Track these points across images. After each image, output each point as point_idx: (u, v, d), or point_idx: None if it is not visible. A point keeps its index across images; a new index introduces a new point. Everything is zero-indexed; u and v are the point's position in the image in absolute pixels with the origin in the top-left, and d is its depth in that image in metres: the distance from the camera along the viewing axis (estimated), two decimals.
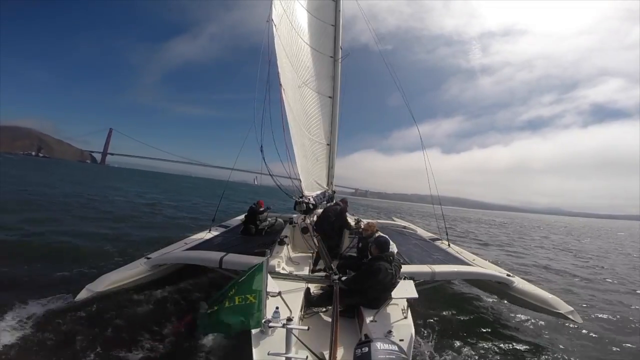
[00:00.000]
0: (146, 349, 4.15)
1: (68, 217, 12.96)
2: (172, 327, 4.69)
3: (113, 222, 13.11)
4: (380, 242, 4.27)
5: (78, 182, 35.05)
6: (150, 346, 4.20)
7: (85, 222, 12.33)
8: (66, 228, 10.80)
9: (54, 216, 12.69)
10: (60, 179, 36.80)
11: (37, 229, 9.96)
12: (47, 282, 5.95)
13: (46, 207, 14.73)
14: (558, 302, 5.37)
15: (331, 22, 10.09)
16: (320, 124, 9.10)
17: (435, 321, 5.61)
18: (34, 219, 11.41)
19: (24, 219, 11.09)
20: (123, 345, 4.15)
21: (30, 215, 12.05)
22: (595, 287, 10.02)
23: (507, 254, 15.60)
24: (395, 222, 12.50)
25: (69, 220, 12.23)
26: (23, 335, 4.11)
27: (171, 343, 4.31)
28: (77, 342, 4.08)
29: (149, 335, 4.41)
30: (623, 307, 8.01)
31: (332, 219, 6.59)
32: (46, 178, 35.19)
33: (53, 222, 11.51)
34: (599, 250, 21.51)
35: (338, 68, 9.94)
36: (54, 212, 13.71)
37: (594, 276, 11.77)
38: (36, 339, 4.08)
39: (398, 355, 2.72)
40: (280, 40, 6.82)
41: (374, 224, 6.11)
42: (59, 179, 36.55)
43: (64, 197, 19.35)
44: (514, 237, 26.11)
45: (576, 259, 16.46)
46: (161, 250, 6.22)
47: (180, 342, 4.34)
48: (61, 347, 3.97)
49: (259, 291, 2.90)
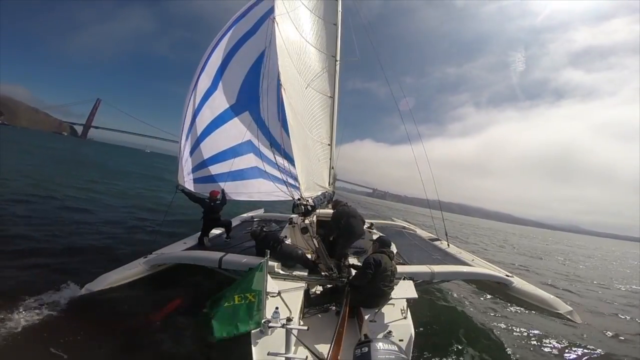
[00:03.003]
0: (145, 348, 4.14)
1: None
2: (160, 310, 4.76)
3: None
4: (382, 240, 4.54)
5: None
6: (149, 346, 4.19)
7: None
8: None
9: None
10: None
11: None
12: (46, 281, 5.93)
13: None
14: (557, 302, 5.38)
15: (333, 21, 10.12)
16: (322, 124, 9.12)
17: (435, 321, 5.62)
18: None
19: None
20: (122, 344, 4.15)
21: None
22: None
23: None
24: (395, 222, 12.50)
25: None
26: (21, 334, 4.09)
27: (171, 343, 4.30)
28: (76, 342, 4.07)
29: (148, 335, 4.40)
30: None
31: (357, 233, 6.04)
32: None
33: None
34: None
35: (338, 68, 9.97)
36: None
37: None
38: (34, 338, 4.06)
39: (398, 355, 2.72)
40: (282, 39, 6.82)
41: (339, 202, 6.40)
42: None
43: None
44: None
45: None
46: (160, 250, 6.21)
47: (180, 342, 4.34)
48: (60, 346, 3.95)
49: (258, 291, 2.90)
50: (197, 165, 7.49)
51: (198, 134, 7.46)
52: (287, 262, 5.13)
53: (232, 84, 7.73)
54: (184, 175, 7.36)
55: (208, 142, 7.55)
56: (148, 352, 4.09)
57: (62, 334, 4.19)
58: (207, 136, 7.54)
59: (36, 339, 4.06)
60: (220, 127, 7.66)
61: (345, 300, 4.05)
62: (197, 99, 7.40)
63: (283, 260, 5.07)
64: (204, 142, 7.52)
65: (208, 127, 7.55)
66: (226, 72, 7.72)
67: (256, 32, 7.74)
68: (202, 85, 7.49)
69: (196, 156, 7.50)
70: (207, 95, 7.52)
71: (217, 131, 7.61)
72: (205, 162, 7.53)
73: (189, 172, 7.43)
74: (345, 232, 5.92)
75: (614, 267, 23.86)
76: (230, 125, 7.71)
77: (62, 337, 4.14)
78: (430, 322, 5.55)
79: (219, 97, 7.61)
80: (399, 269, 4.72)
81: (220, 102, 7.63)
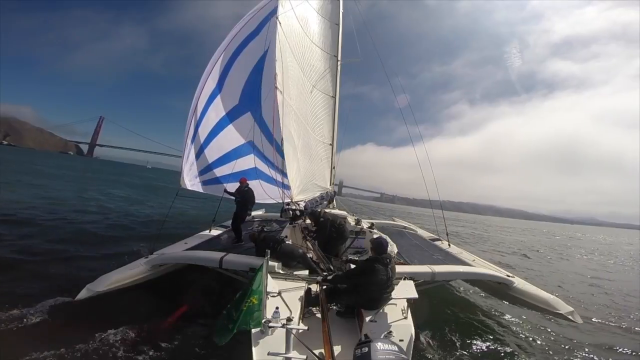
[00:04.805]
0: (146, 348, 4.15)
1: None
2: (168, 319, 4.75)
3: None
4: (378, 242, 4.09)
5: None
6: (150, 346, 4.20)
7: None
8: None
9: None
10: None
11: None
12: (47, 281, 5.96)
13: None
14: (558, 303, 5.36)
15: (335, 21, 10.13)
16: (324, 124, 9.17)
17: (435, 321, 5.60)
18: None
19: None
20: (123, 344, 4.15)
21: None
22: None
23: None
24: (395, 222, 12.49)
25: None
26: (23, 334, 4.12)
27: (171, 343, 4.31)
28: (77, 342, 4.08)
29: (149, 335, 4.41)
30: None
31: (334, 236, 6.38)
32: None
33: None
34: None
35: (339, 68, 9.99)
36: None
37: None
38: (36, 338, 4.09)
39: (398, 356, 2.72)
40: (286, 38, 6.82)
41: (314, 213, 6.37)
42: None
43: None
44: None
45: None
46: (161, 250, 6.22)
47: (180, 342, 4.36)
48: (61, 346, 3.97)
49: (259, 291, 2.91)
50: (204, 169, 7.63)
51: (205, 137, 7.58)
52: (287, 262, 5.12)
53: (235, 85, 7.79)
54: (191, 179, 7.46)
55: (214, 145, 7.69)
56: (148, 352, 4.09)
57: (63, 335, 4.21)
58: (213, 139, 7.69)
59: (38, 339, 4.08)
60: (225, 128, 7.76)
61: (321, 297, 4.05)
62: (203, 102, 7.50)
63: (284, 260, 5.07)
64: (210, 145, 7.67)
65: (214, 129, 7.68)
66: (230, 74, 7.78)
67: (259, 32, 7.77)
68: (208, 88, 7.57)
69: (202, 159, 7.62)
70: (212, 97, 7.61)
71: (222, 133, 7.74)
72: (211, 165, 7.66)
73: (196, 175, 7.56)
74: (332, 239, 6.27)
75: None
76: (233, 126, 7.78)
77: (63, 337, 4.16)
78: (431, 322, 5.54)
79: (223, 98, 7.70)
80: (400, 269, 4.71)
81: (224, 104, 7.71)
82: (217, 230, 8.33)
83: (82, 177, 37.65)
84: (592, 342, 5.75)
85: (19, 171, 30.05)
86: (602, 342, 5.81)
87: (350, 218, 7.96)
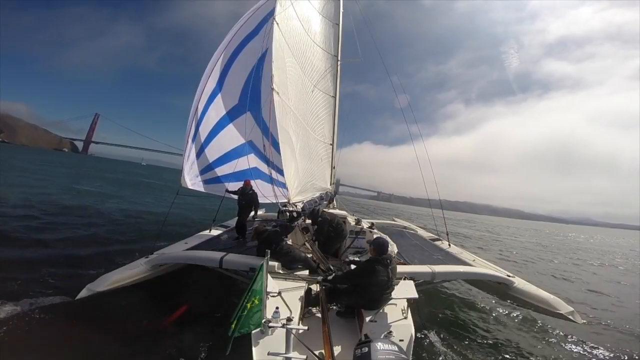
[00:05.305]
0: (146, 348, 4.16)
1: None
2: (167, 317, 4.77)
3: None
4: (379, 243, 4.02)
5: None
6: (150, 346, 4.21)
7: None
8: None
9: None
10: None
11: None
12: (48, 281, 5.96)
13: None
14: (558, 303, 5.35)
15: (335, 21, 10.13)
16: (324, 124, 9.16)
17: (435, 321, 5.61)
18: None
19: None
20: (123, 344, 4.16)
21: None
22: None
23: None
24: (395, 222, 12.48)
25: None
26: (23, 333, 4.12)
27: (171, 343, 4.32)
28: (77, 341, 4.09)
29: (149, 335, 4.42)
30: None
31: (332, 235, 6.47)
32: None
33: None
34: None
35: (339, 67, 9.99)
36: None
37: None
38: (37, 337, 4.09)
39: (398, 356, 2.72)
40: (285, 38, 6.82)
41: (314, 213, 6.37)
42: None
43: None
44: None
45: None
46: (162, 250, 6.22)
47: (180, 342, 4.35)
48: (61, 345, 3.98)
49: (259, 291, 2.90)
50: (205, 168, 7.67)
51: (205, 136, 7.62)
52: (288, 262, 5.11)
53: (235, 85, 7.81)
54: (192, 178, 7.50)
55: (214, 144, 7.73)
56: (148, 352, 4.10)
57: (63, 335, 4.22)
58: (213, 138, 7.73)
59: (38, 339, 4.08)
60: (225, 128, 7.80)
61: (321, 297, 4.06)
62: (203, 102, 7.54)
63: (284, 260, 5.06)
64: (211, 144, 7.71)
65: (214, 128, 7.73)
66: (229, 73, 7.81)
67: (258, 32, 7.78)
68: (208, 87, 7.61)
69: (203, 159, 7.66)
70: (213, 96, 7.65)
71: (222, 133, 7.78)
72: (212, 164, 7.69)
73: (197, 175, 7.60)
74: (330, 238, 6.38)
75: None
76: (232, 126, 7.80)
77: (63, 337, 4.17)
78: (431, 322, 5.54)
79: (223, 98, 7.74)
80: (400, 269, 4.70)
81: (224, 103, 7.75)
82: (217, 230, 8.32)
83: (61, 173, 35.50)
84: (592, 342, 5.74)
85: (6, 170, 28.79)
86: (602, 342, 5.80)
87: (350, 218, 7.95)
